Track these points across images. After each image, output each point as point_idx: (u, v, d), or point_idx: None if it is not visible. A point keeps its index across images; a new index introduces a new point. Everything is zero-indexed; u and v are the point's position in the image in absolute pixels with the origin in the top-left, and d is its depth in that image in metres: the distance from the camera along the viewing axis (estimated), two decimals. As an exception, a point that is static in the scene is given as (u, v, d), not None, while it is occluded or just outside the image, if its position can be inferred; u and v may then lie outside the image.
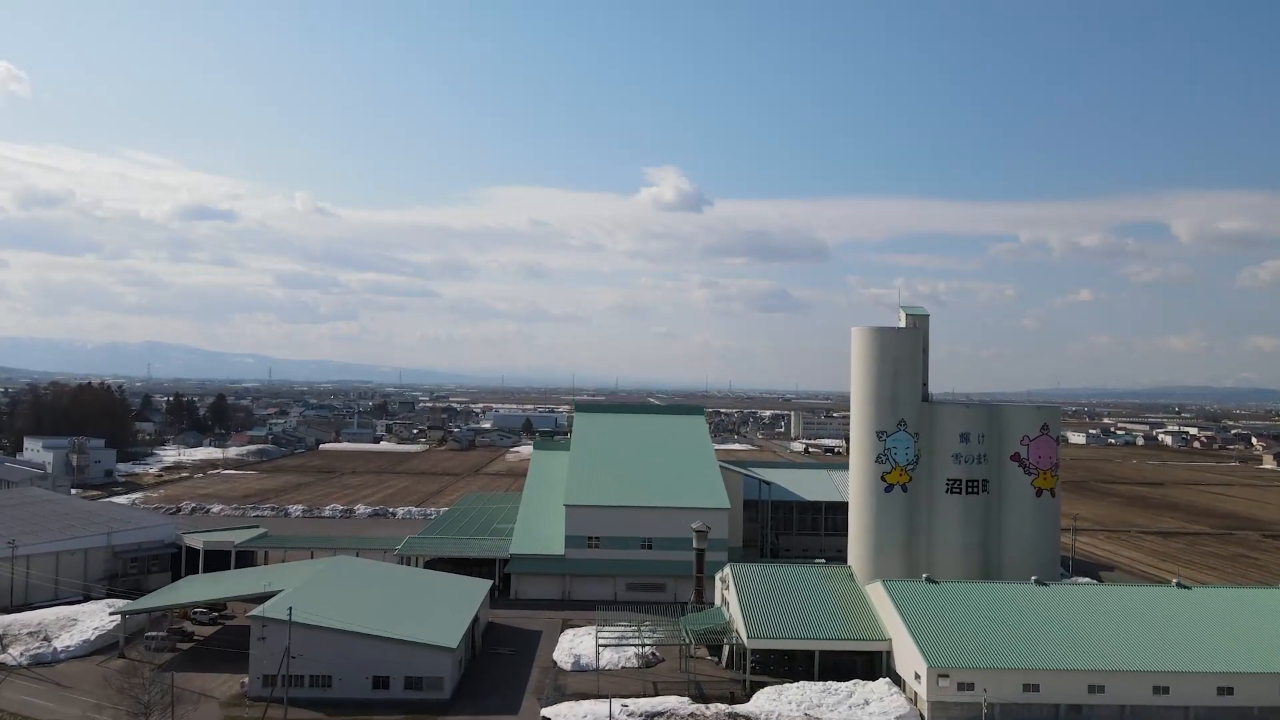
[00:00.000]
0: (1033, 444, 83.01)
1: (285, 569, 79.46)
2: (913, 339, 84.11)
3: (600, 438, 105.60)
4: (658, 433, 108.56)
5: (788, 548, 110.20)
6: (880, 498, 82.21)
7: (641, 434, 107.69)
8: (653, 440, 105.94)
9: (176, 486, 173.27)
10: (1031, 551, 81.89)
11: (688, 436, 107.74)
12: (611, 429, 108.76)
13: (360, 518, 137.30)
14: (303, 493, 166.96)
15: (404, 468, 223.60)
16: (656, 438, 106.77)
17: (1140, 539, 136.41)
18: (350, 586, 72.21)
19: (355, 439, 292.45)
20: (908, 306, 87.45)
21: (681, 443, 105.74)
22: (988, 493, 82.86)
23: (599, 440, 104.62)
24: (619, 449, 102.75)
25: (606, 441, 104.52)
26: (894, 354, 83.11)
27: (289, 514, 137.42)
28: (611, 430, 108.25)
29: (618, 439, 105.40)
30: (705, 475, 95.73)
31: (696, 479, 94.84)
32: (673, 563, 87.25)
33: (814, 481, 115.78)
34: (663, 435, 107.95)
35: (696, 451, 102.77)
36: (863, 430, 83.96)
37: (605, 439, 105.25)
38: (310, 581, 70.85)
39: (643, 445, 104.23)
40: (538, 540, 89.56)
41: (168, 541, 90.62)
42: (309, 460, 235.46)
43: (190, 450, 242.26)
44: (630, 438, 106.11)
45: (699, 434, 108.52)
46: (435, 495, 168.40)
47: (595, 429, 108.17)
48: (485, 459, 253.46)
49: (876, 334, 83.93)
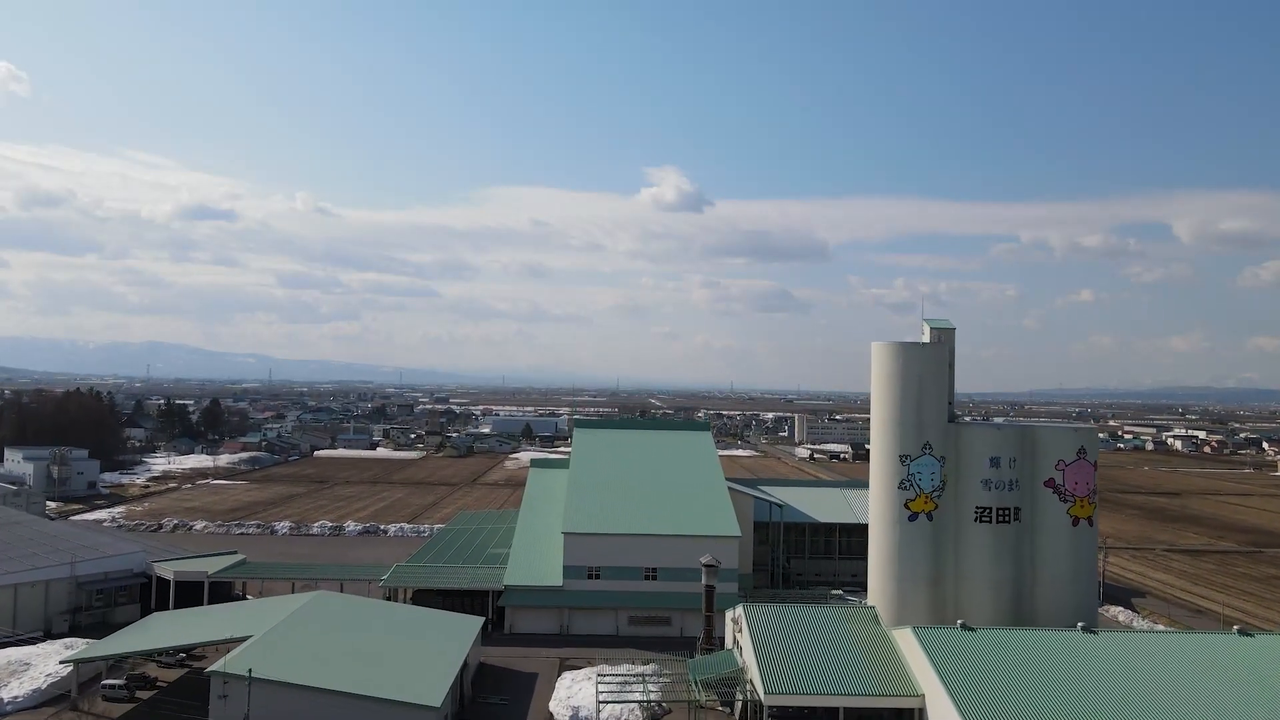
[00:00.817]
0: (1069, 469, 76.74)
1: (260, 607, 73.36)
2: (938, 355, 77.90)
3: (600, 456, 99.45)
4: (662, 450, 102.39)
5: (799, 572, 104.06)
6: (904, 527, 75.99)
7: (644, 452, 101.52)
8: (657, 459, 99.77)
9: (162, 499, 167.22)
10: (1068, 586, 75.66)
11: (694, 454, 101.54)
12: (612, 446, 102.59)
13: (350, 535, 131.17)
14: (292, 506, 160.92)
15: (399, 477, 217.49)
16: (661, 456, 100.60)
17: (1168, 559, 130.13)
18: (328, 629, 66.03)
19: (351, 445, 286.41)
20: (931, 320, 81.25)
21: (687, 461, 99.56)
22: (1019, 521, 76.62)
23: (599, 459, 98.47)
24: (621, 469, 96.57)
25: (607, 461, 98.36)
26: (918, 371, 76.90)
27: (275, 531, 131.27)
28: (612, 448, 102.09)
29: (619, 458, 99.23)
30: (713, 498, 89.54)
31: (704, 503, 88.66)
32: (679, 595, 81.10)
33: (827, 501, 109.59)
34: (667, 453, 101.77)
35: (703, 471, 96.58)
36: (884, 453, 77.74)
37: (606, 458, 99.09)
38: (284, 624, 64.71)
39: (646, 464, 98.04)
40: (534, 570, 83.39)
41: (137, 570, 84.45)
42: (302, 469, 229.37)
43: (181, 458, 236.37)
44: (633, 456, 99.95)
45: (705, 451, 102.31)
46: (430, 508, 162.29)
47: (595, 447, 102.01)
48: (483, 466, 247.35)
49: (899, 350, 77.72)
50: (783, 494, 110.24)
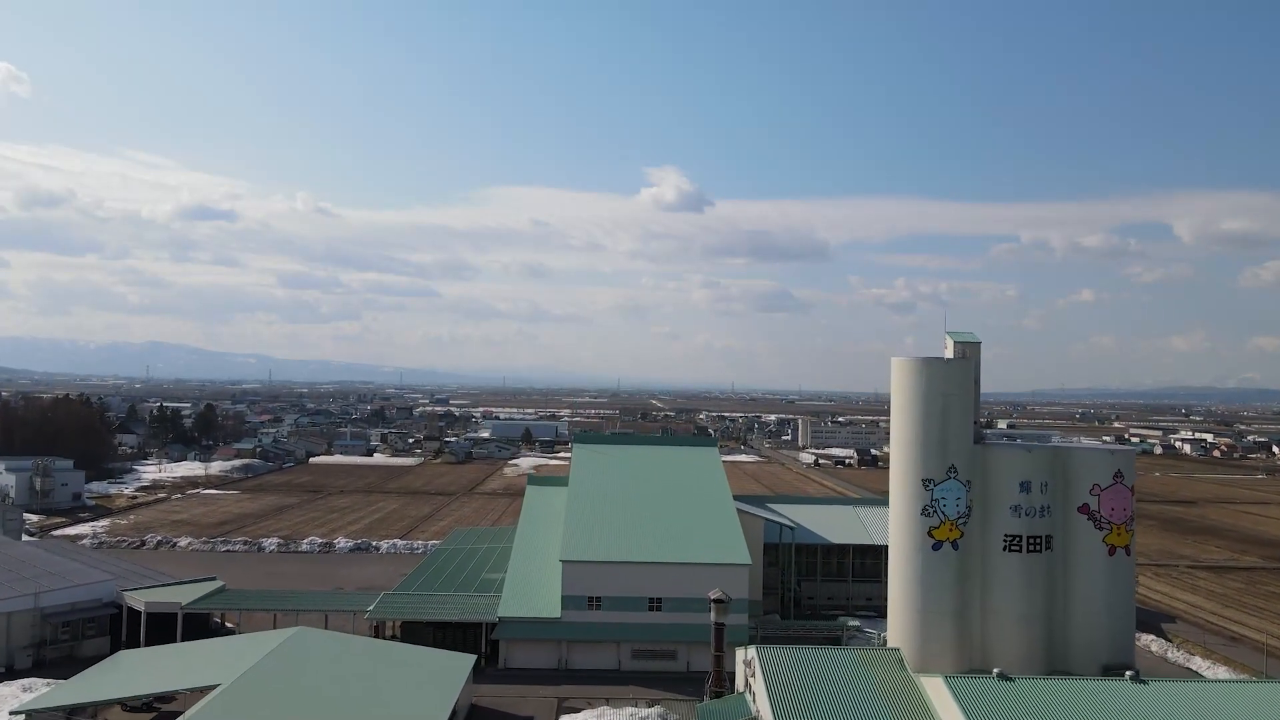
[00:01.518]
0: (1105, 494, 71.40)
1: (235, 646, 68.18)
2: (963, 372, 72.54)
3: (601, 475, 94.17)
4: (666, 469, 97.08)
5: (811, 596, 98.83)
6: (927, 556, 70.62)
7: (647, 470, 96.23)
8: (661, 477, 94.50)
9: (149, 511, 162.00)
10: (1104, 621, 70.31)
11: (700, 472, 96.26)
12: (613, 465, 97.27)
13: (340, 552, 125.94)
14: (284, 519, 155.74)
15: (395, 485, 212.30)
16: (665, 474, 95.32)
17: (1193, 577, 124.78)
18: (306, 673, 60.82)
19: (347, 451, 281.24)
20: (955, 333, 75.86)
21: (693, 480, 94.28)
22: (1051, 551, 71.27)
23: (599, 479, 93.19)
24: (623, 489, 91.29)
25: (608, 480, 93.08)
26: (942, 389, 71.52)
27: (263, 548, 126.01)
28: (613, 466, 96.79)
29: (621, 477, 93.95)
30: (721, 522, 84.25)
31: (711, 527, 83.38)
32: (685, 626, 75.84)
33: (840, 521, 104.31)
34: (671, 471, 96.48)
35: (710, 491, 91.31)
36: (906, 477, 72.34)
37: (606, 477, 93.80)
38: (259, 667, 59.54)
39: (649, 484, 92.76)
40: (530, 599, 78.14)
41: (106, 600, 79.24)
42: (296, 477, 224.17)
43: (173, 465, 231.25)
44: (635, 475, 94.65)
45: (712, 469, 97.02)
46: (425, 521, 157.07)
47: (595, 465, 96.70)
48: (481, 474, 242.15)
49: (922, 366, 72.37)
50: (793, 512, 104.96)
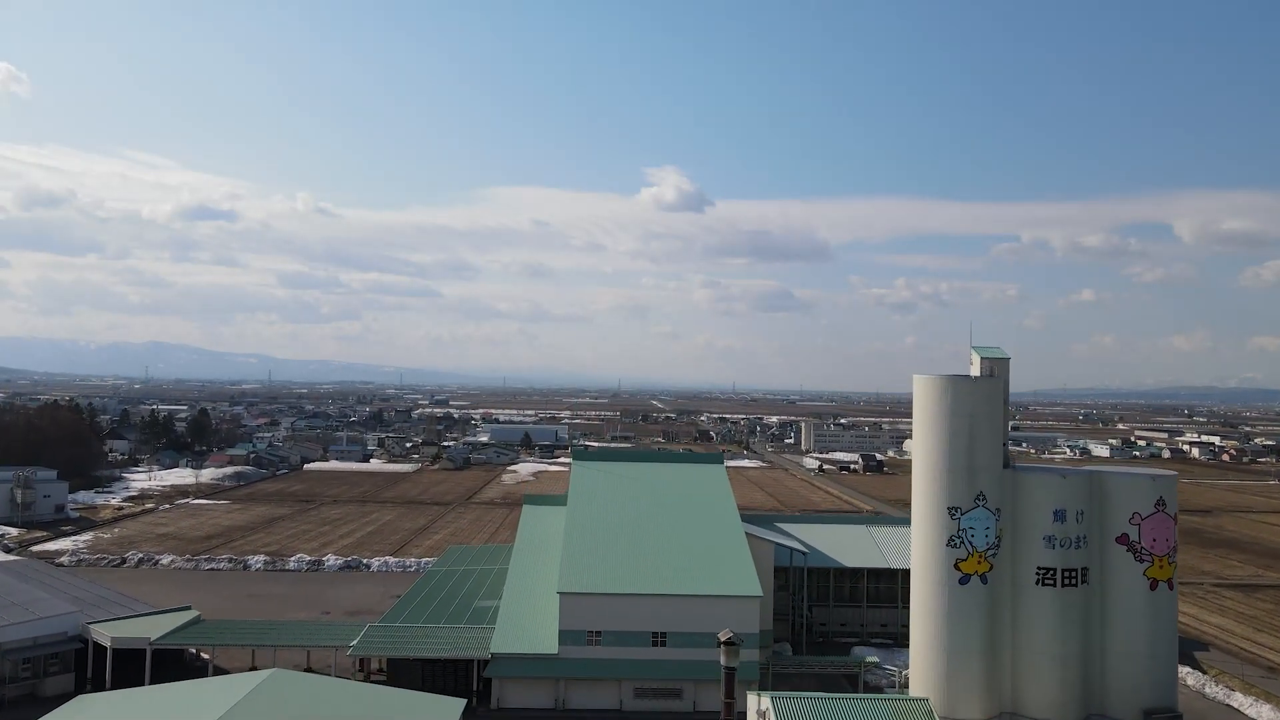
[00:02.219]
0: (1146, 523, 66.18)
1: (204, 691, 62.84)
2: (991, 391, 67.31)
3: (601, 497, 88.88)
4: (670, 488, 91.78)
5: (823, 622, 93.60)
6: (953, 591, 65.40)
7: (650, 490, 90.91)
8: (665, 498, 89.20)
9: (134, 524, 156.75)
10: (1144, 661, 65.16)
11: (706, 493, 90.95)
12: (614, 485, 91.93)
13: (329, 570, 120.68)
14: (273, 531, 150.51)
15: (391, 494, 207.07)
16: (669, 495, 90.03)
17: (1220, 597, 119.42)
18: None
19: (343, 457, 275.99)
20: (982, 348, 70.66)
21: (699, 501, 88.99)
22: (1088, 584, 66.12)
23: (599, 500, 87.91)
24: (624, 512, 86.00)
25: (609, 501, 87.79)
26: (969, 410, 66.29)
27: (248, 566, 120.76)
28: (615, 486, 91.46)
29: (622, 499, 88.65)
30: (730, 548, 78.96)
31: (720, 554, 78.10)
32: (692, 663, 70.55)
33: (852, 542, 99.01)
34: (676, 491, 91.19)
35: (717, 513, 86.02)
36: (930, 505, 67.09)
37: (607, 498, 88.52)
38: (229, 718, 54.18)
39: (652, 506, 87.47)
40: (525, 634, 72.87)
41: (71, 634, 74.00)
42: (289, 485, 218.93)
43: (164, 472, 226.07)
44: (637, 497, 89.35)
45: (719, 490, 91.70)
46: (420, 534, 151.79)
47: (595, 485, 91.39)
48: (480, 481, 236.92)
49: (947, 385, 67.10)
50: (802, 532, 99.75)
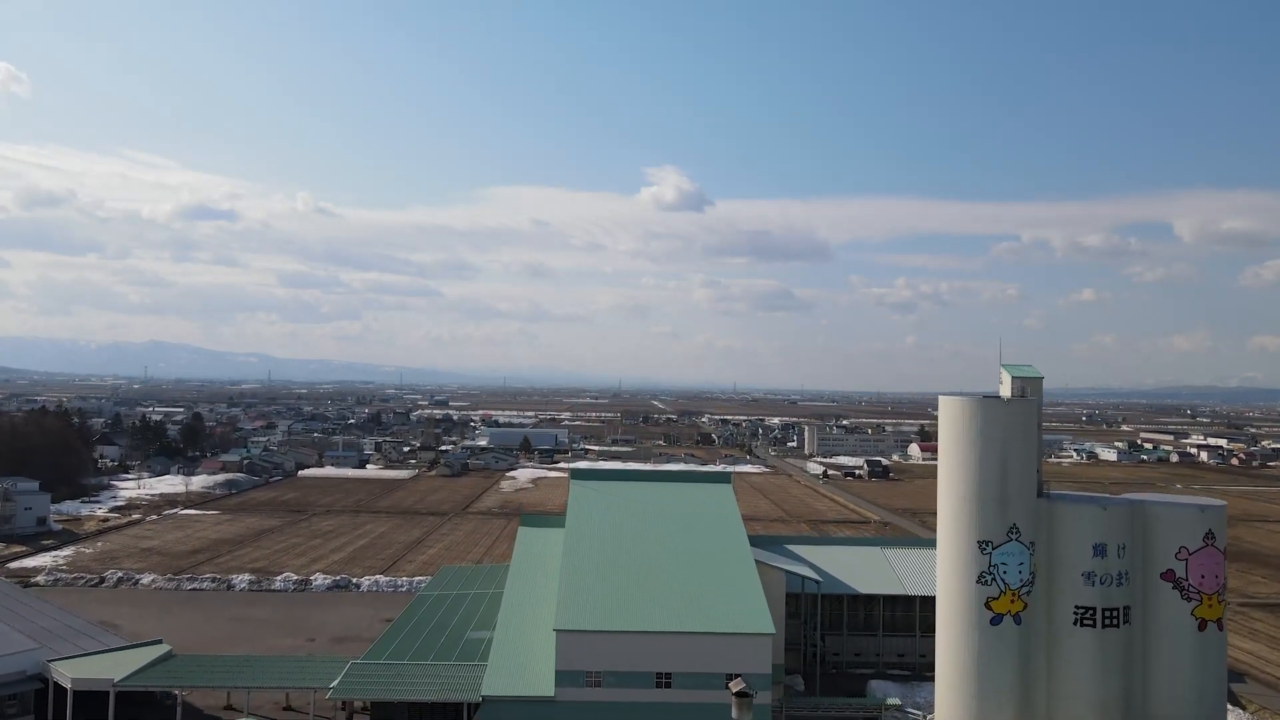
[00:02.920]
0: (1193, 558, 61.00)
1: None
2: (1025, 413, 62.07)
3: (601, 521, 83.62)
4: (674, 511, 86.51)
5: (836, 652, 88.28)
6: (984, 633, 60.19)
7: (654, 514, 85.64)
8: (669, 523, 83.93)
9: (119, 536, 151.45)
10: (1192, 709, 59.99)
11: (713, 516, 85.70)
12: (615, 508, 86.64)
13: (317, 590, 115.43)
14: (261, 545, 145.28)
15: (386, 503, 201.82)
16: (673, 519, 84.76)
17: (1248, 618, 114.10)
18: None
19: (339, 463, 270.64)
20: (1013, 366, 65.46)
21: (705, 525, 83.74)
22: (1130, 624, 60.93)
23: (599, 526, 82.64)
24: (626, 538, 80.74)
25: (609, 527, 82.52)
26: (1000, 434, 61.07)
27: (232, 586, 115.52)
28: (615, 509, 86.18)
29: (623, 523, 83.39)
30: (739, 579, 73.66)
31: (728, 585, 72.83)
32: (699, 707, 65.27)
33: (867, 566, 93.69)
34: (681, 514, 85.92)
35: (725, 540, 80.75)
36: (958, 538, 61.86)
37: (607, 523, 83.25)
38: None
39: (656, 531, 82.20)
40: (519, 674, 67.60)
41: (31, 673, 68.79)
42: (282, 493, 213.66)
43: (155, 480, 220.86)
44: (640, 520, 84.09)
45: (726, 511, 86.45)
46: (413, 549, 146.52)
47: (595, 508, 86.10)
48: (477, 489, 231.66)
49: (976, 408, 61.84)
50: (814, 554, 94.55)
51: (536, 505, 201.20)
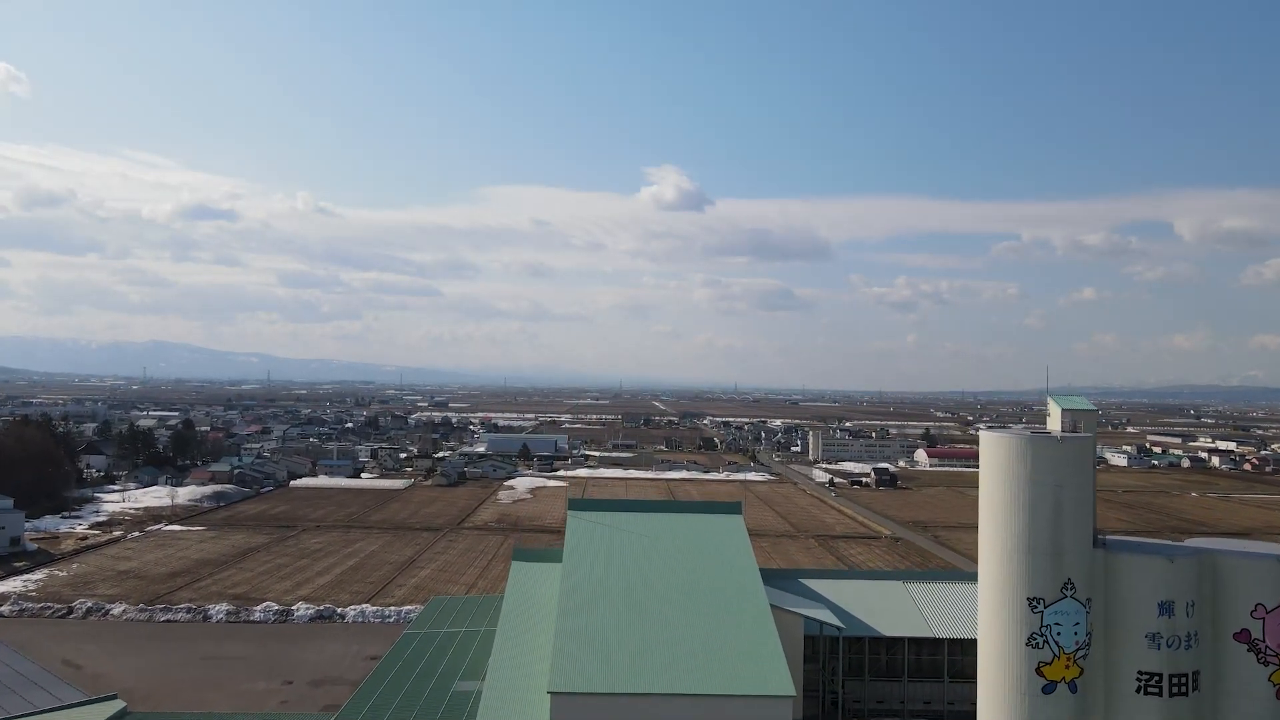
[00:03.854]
0: (1271, 616, 53.71)
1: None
2: (1080, 453, 54.89)
3: (601, 560, 76.61)
4: (681, 549, 79.46)
5: (857, 699, 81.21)
6: (1035, 701, 53.02)
7: (659, 552, 78.62)
8: (675, 563, 76.89)
9: (96, 558, 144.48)
10: (1273, 789, 52.77)
11: (723, 554, 78.70)
12: (617, 545, 79.63)
13: (299, 621, 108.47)
14: (246, 566, 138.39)
15: (379, 516, 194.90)
16: (680, 558, 77.73)
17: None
18: None
19: (333, 472, 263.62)
20: (1063, 397, 58.45)
21: (715, 566, 76.72)
22: (1199, 691, 53.66)
23: (599, 566, 75.63)
24: (628, 583, 73.68)
25: (610, 569, 75.47)
26: (1053, 478, 53.86)
27: (209, 616, 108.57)
28: (617, 546, 79.17)
29: (626, 563, 76.37)
30: (753, 629, 66.63)
31: (742, 637, 65.78)
32: (709, 777, 58.19)
33: (888, 603, 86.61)
34: (689, 553, 78.90)
35: (737, 583, 73.73)
36: (1005, 595, 54.69)
37: (608, 564, 76.21)
38: None
39: (662, 574, 75.14)
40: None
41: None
42: (272, 506, 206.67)
43: (140, 493, 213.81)
44: (643, 560, 77.08)
45: (738, 550, 79.39)
46: (405, 570, 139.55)
47: (594, 545, 79.09)
48: (474, 500, 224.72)
49: (1026, 447, 54.63)
50: (831, 589, 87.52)
51: (534, 519, 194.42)
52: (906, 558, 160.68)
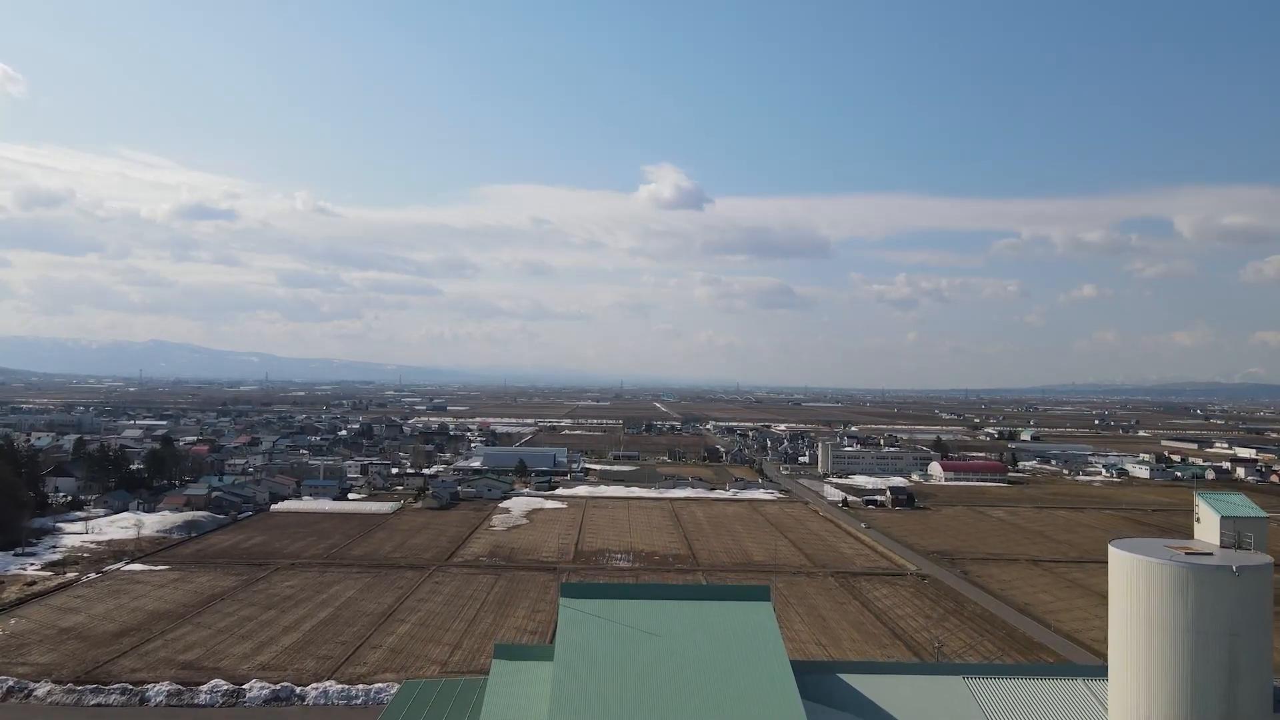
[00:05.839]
0: None
1: None
2: (1258, 590, 40.10)
3: (599, 667, 61.80)
4: (697, 649, 64.60)
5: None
6: None
7: (670, 654, 63.75)
8: (689, 668, 62.06)
9: (39, 609, 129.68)
10: None
11: (748, 656, 63.84)
12: (618, 646, 64.80)
13: (251, 704, 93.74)
14: (204, 622, 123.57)
15: (361, 550, 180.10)
16: (695, 661, 62.89)
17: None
18: None
19: (318, 493, 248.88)
20: (1220, 500, 43.69)
21: (739, 671, 61.90)
22: None
23: (597, 675, 60.83)
24: (631, 694, 58.91)
25: (610, 678, 60.69)
26: (1226, 624, 39.14)
27: (147, 699, 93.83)
28: (618, 648, 64.35)
29: (629, 668, 61.56)
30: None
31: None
32: None
33: (945, 708, 71.56)
34: (705, 654, 64.02)
35: (766, 695, 58.91)
36: (1154, 781, 39.88)
37: (608, 670, 61.44)
38: None
39: (672, 681, 60.35)
40: None
41: None
42: (248, 536, 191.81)
43: (107, 521, 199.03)
44: (650, 664, 62.25)
45: (767, 650, 64.52)
46: (382, 625, 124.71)
47: (590, 646, 64.26)
48: (466, 526, 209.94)
49: (1184, 580, 39.83)
50: (876, 688, 72.38)
51: (530, 552, 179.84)
52: (938, 602, 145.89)
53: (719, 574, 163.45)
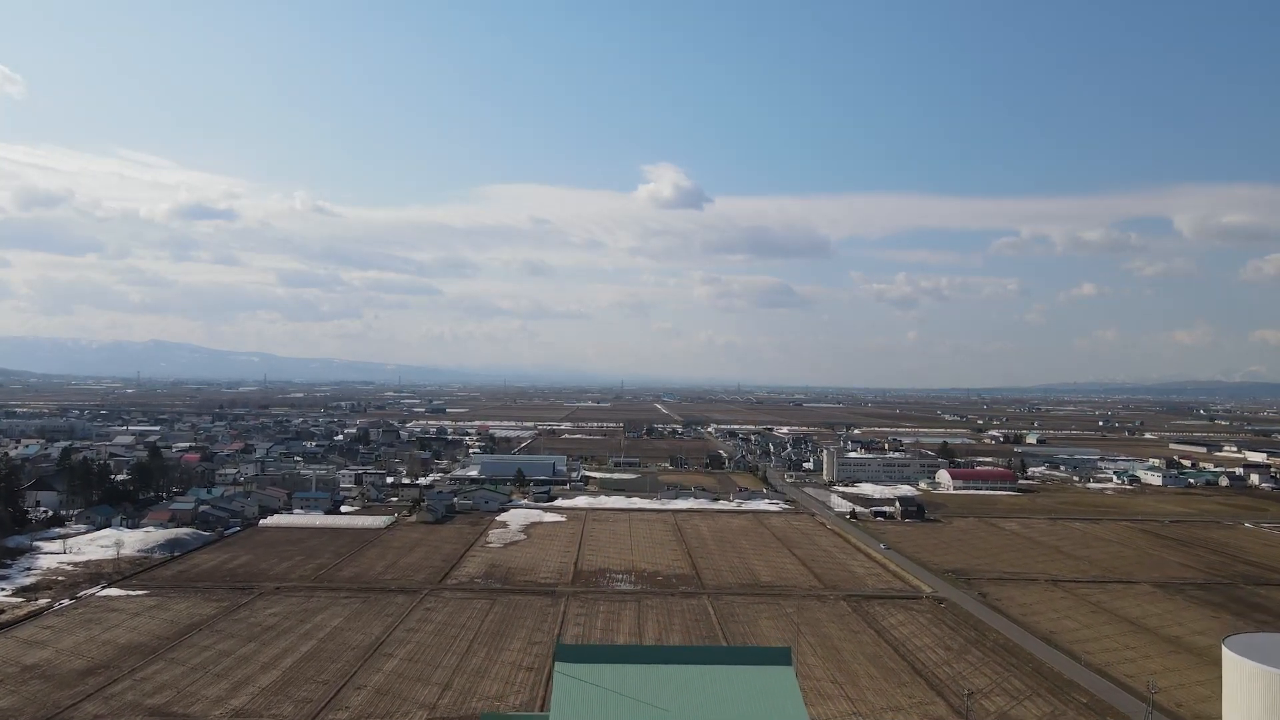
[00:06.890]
0: None
1: None
2: None
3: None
4: (705, 713, 56.92)
5: None
6: None
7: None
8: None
9: (6, 641, 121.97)
10: None
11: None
12: (619, 716, 57.13)
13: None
14: (177, 659, 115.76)
15: (350, 571, 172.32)
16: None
17: None
18: None
19: (309, 506, 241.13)
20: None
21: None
22: None
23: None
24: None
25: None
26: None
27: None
28: (618, 715, 56.68)
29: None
30: None
31: None
32: None
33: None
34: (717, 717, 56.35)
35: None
36: None
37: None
38: None
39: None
40: None
41: None
42: (233, 555, 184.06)
43: (87, 539, 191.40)
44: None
45: (785, 711, 56.86)
46: (368, 662, 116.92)
47: (589, 717, 56.57)
48: (461, 543, 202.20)
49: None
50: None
51: (526, 572, 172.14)
52: (957, 630, 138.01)
53: (726, 597, 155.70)
